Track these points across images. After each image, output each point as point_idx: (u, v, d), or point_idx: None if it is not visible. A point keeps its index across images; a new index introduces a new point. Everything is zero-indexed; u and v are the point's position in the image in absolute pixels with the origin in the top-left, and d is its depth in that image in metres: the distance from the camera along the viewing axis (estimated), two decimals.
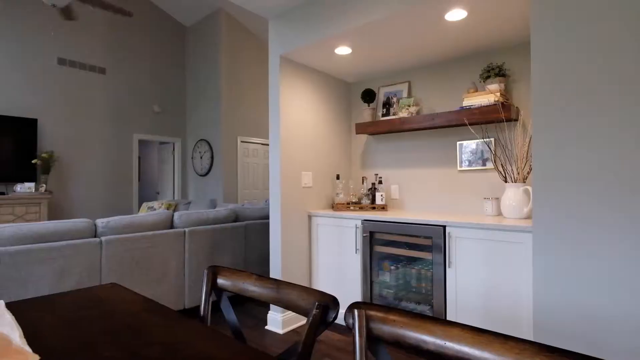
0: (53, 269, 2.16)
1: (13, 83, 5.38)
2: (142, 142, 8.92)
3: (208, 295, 0.99)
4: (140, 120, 6.91)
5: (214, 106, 6.90)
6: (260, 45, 7.39)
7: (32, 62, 5.57)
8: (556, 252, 1.54)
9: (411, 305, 2.47)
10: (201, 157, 7.17)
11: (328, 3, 2.41)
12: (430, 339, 0.65)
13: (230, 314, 0.98)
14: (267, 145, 7.57)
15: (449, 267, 2.18)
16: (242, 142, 7.09)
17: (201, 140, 7.15)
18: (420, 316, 0.67)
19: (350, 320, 0.71)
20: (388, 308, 0.70)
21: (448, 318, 2.18)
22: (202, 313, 0.98)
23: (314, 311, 0.75)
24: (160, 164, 7.99)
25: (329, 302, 0.77)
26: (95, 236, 2.45)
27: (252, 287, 0.96)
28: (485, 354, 0.59)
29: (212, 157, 6.89)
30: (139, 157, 8.03)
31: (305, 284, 2.89)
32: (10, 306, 1.02)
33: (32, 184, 5.24)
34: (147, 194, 8.87)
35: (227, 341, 0.77)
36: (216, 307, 2.79)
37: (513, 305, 1.92)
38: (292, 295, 0.87)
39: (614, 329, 1.41)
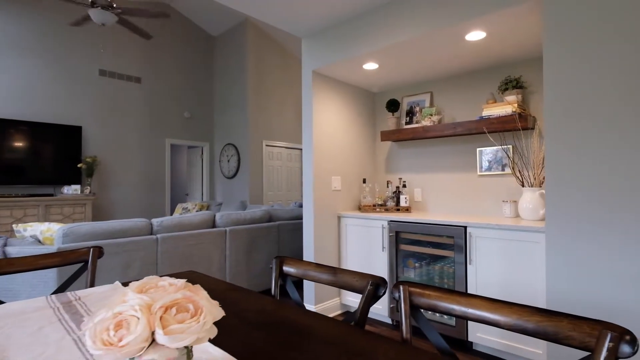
0: (120, 261, 2.50)
1: (60, 94, 5.87)
2: (172, 146, 9.38)
3: (277, 279, 1.26)
4: (172, 126, 7.33)
5: (240, 111, 7.25)
6: (283, 51, 7.71)
7: (77, 75, 6.05)
8: (567, 251, 1.75)
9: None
10: (228, 161, 7.53)
11: (357, 25, 2.67)
12: (457, 307, 0.89)
13: (294, 293, 1.24)
14: (290, 148, 7.87)
15: (470, 264, 2.39)
16: (266, 145, 7.41)
17: (228, 144, 7.52)
18: (449, 291, 0.92)
19: (397, 294, 0.96)
20: (424, 285, 0.95)
21: None
22: (272, 292, 1.26)
23: (368, 287, 1.01)
24: (189, 167, 8.41)
25: (380, 282, 1.02)
26: (151, 234, 2.78)
27: (313, 273, 1.23)
28: (496, 316, 0.84)
29: (238, 161, 7.25)
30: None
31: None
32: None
33: (77, 186, 5.70)
34: (176, 196, 9.32)
35: (298, 309, 1.03)
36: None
37: (528, 299, 2.12)
38: (347, 278, 1.13)
39: (621, 320, 1.61)
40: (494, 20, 2.08)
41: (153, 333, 0.53)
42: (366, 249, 2.97)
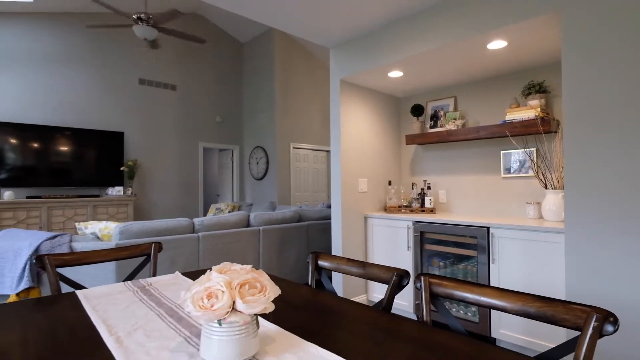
0: (167, 256, 2.77)
1: (104, 102, 6.34)
2: (204, 149, 9.82)
3: (313, 272, 1.45)
4: (204, 130, 7.71)
5: (268, 115, 7.53)
6: (309, 55, 7.93)
7: (119, 84, 6.51)
8: (585, 251, 1.83)
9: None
10: (257, 163, 7.83)
11: (382, 36, 2.82)
12: (470, 295, 1.04)
13: (329, 284, 1.42)
14: (316, 150, 8.08)
15: (493, 263, 2.49)
16: (294, 147, 7.65)
17: (257, 147, 7.82)
18: (464, 281, 1.07)
19: (419, 284, 1.12)
20: (442, 277, 1.11)
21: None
22: (309, 283, 1.44)
23: (394, 278, 1.18)
24: (220, 169, 8.79)
25: (403, 273, 1.18)
26: (193, 232, 3.04)
27: (344, 266, 1.40)
28: (503, 303, 0.98)
29: (267, 163, 7.52)
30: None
31: (363, 280, 3.31)
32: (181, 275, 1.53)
33: (120, 188, 6.15)
34: (208, 196, 9.74)
35: (333, 296, 1.21)
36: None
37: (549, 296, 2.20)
38: (375, 270, 1.29)
39: (637, 318, 1.68)
40: (514, 31, 2.18)
41: (234, 302, 0.72)
42: (392, 248, 3.11)
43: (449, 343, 0.87)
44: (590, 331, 0.79)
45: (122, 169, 6.29)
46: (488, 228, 2.51)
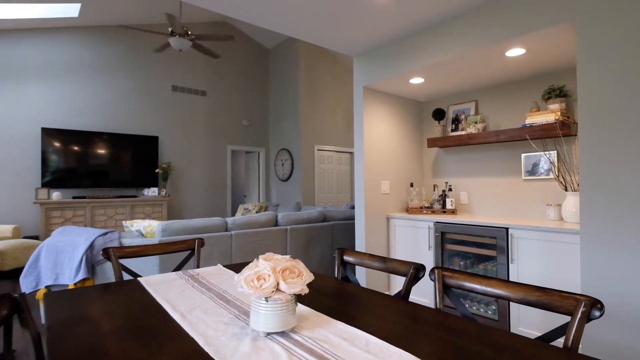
0: (203, 252, 3.02)
1: (140, 108, 6.76)
2: (232, 152, 10.19)
3: (339, 266, 1.62)
4: (232, 133, 8.04)
5: (293, 118, 7.76)
6: (333, 58, 8.10)
7: (153, 91, 6.92)
8: (600, 251, 1.91)
9: (479, 295, 2.89)
10: (282, 164, 8.08)
11: (403, 45, 2.95)
12: (478, 286, 1.18)
13: (353, 277, 1.59)
14: (340, 152, 8.24)
15: (512, 263, 2.57)
16: (318, 149, 7.85)
17: (282, 149, 8.07)
18: (473, 274, 1.21)
19: (433, 276, 1.27)
20: (454, 270, 1.25)
21: (511, 305, 2.58)
22: (336, 275, 1.61)
23: (411, 271, 1.33)
24: (247, 170, 9.11)
25: (420, 267, 1.33)
26: (226, 230, 3.28)
27: (367, 261, 1.56)
28: (508, 292, 1.12)
29: (292, 164, 7.76)
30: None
31: (384, 275, 3.45)
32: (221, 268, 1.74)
33: (155, 189, 6.54)
34: (235, 197, 10.10)
35: (357, 287, 1.37)
36: None
37: None
38: (394, 264, 1.45)
39: None
40: (531, 39, 2.27)
41: (278, 283, 0.91)
42: (413, 247, 3.23)
43: (457, 324, 1.02)
44: (579, 315, 0.92)
45: (157, 171, 6.68)
46: (507, 229, 2.60)
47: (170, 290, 1.34)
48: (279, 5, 2.48)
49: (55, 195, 5.62)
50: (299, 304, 1.17)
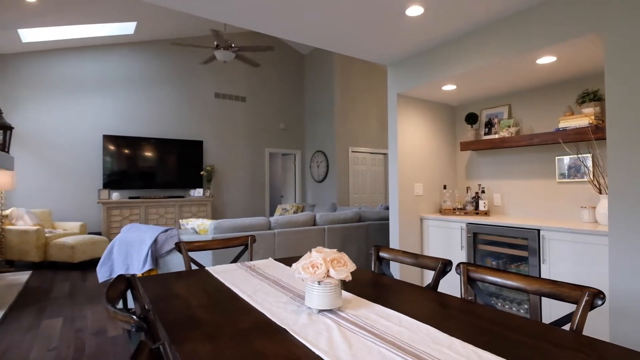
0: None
1: (186, 115, 7.28)
2: (270, 154, 10.62)
3: (376, 261, 1.83)
4: (270, 136, 8.43)
5: (328, 121, 8.01)
6: (367, 63, 8.26)
7: (198, 98, 7.43)
8: (627, 253, 1.98)
9: (511, 295, 2.98)
10: (318, 166, 8.36)
11: (436, 54, 3.10)
12: (499, 279, 1.36)
13: (388, 271, 1.80)
14: (374, 153, 8.39)
15: (543, 263, 2.66)
16: (352, 151, 8.04)
17: (318, 151, 8.35)
18: (494, 269, 1.38)
19: (459, 270, 1.45)
20: (477, 265, 1.43)
21: (542, 303, 2.67)
22: (372, 269, 1.83)
23: (439, 266, 1.52)
24: (284, 172, 9.48)
25: (447, 262, 1.52)
26: (269, 229, 3.58)
27: (401, 257, 1.77)
28: (525, 285, 1.28)
29: (327, 166, 8.01)
30: None
31: (417, 271, 3.60)
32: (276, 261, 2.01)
33: (201, 190, 7.03)
34: (273, 197, 10.52)
35: (392, 279, 1.58)
36: None
37: None
38: (425, 260, 1.64)
39: None
40: (561, 48, 2.36)
41: (328, 271, 1.14)
42: (446, 248, 3.36)
43: (478, 310, 1.20)
44: (583, 303, 1.08)
45: (201, 173, 7.18)
46: (539, 230, 2.68)
47: (234, 277, 1.62)
48: (316, 24, 2.72)
49: (115, 195, 6.23)
50: (343, 290, 1.41)
